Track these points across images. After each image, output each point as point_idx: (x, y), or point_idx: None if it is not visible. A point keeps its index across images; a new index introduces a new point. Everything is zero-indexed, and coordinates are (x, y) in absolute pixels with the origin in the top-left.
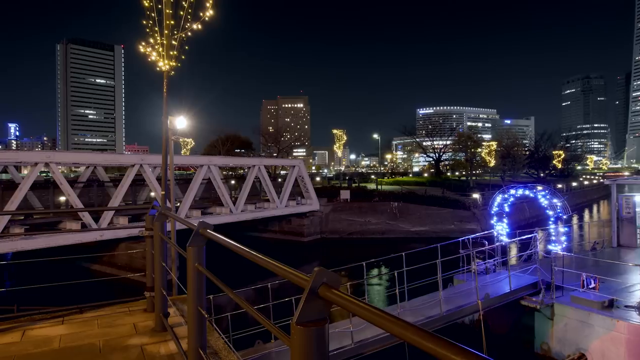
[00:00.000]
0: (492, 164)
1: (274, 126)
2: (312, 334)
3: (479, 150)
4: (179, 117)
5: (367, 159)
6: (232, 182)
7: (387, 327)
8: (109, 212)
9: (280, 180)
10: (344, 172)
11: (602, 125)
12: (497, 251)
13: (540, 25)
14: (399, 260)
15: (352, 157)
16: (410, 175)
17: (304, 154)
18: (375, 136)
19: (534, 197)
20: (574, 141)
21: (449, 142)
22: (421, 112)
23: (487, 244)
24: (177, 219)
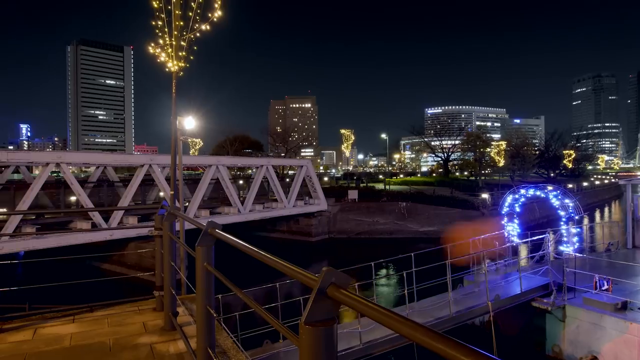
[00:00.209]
0: (502, 163)
1: (281, 126)
2: (321, 334)
3: (488, 150)
4: (187, 118)
5: (375, 158)
6: (240, 182)
7: (396, 327)
8: (118, 211)
9: (288, 180)
10: (352, 172)
11: (613, 124)
12: (508, 252)
13: (550, 24)
14: (408, 260)
15: (360, 157)
16: (418, 175)
17: (312, 154)
18: (383, 136)
19: (544, 197)
20: (584, 140)
21: (457, 142)
22: (429, 111)
23: (498, 244)
24: (186, 219)
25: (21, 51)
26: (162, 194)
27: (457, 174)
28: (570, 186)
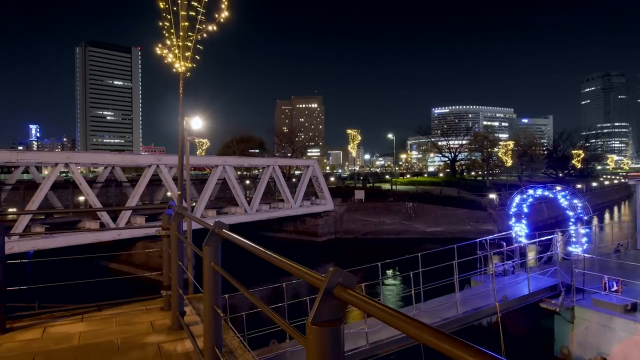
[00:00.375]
0: (509, 163)
1: (288, 126)
2: (328, 334)
3: (496, 149)
4: (194, 118)
5: (381, 158)
6: (247, 182)
7: (403, 328)
8: (126, 211)
9: (294, 180)
10: (358, 172)
11: (623, 124)
12: (516, 253)
13: (559, 23)
14: (415, 261)
15: (367, 157)
16: (425, 175)
17: (318, 154)
18: (389, 136)
19: (553, 197)
20: (593, 140)
21: (464, 142)
22: (436, 111)
23: (505, 245)
24: (193, 219)
25: (30, 53)
26: (169, 193)
27: (464, 174)
28: (579, 186)
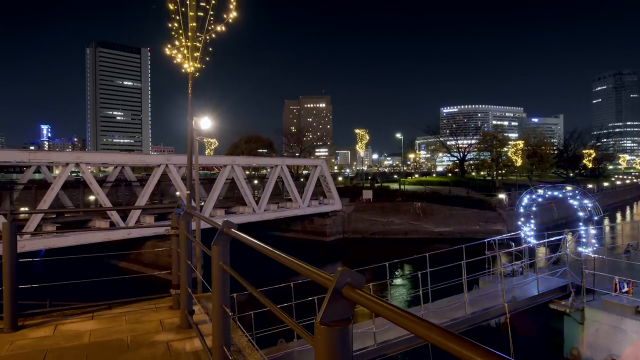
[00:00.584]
0: (519, 163)
1: (296, 126)
2: (336, 333)
3: (505, 149)
4: (203, 118)
5: (389, 158)
6: (255, 181)
7: (411, 328)
8: (136, 211)
9: (302, 180)
10: (367, 171)
11: (635, 123)
12: (525, 253)
13: (569, 21)
14: (423, 261)
15: (375, 156)
16: (434, 175)
17: (326, 153)
18: (398, 135)
19: (563, 197)
20: (605, 140)
21: (473, 142)
22: (445, 111)
23: (514, 245)
24: (202, 218)
25: (42, 54)
26: (178, 193)
27: (473, 174)
28: (590, 186)
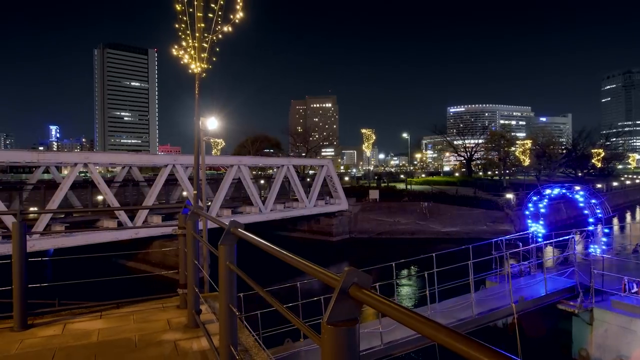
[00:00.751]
0: (527, 163)
1: (302, 126)
2: (343, 333)
3: (513, 149)
4: (210, 118)
5: (396, 158)
6: (262, 181)
7: (418, 328)
8: (143, 211)
9: (308, 180)
10: (373, 171)
11: None
12: (532, 253)
13: (577, 20)
14: (429, 261)
15: (381, 156)
16: (440, 174)
17: (333, 153)
18: (404, 135)
19: (571, 197)
20: (614, 139)
21: (481, 141)
22: (452, 110)
23: (522, 245)
24: (209, 218)
25: (50, 55)
26: (185, 193)
27: (480, 173)
28: (599, 186)
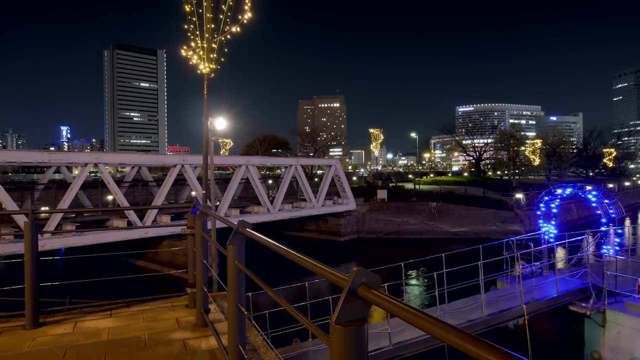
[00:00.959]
0: (537, 162)
1: (310, 126)
2: (351, 333)
3: (522, 148)
4: (218, 118)
5: (404, 158)
6: (270, 181)
7: (428, 329)
8: (152, 210)
9: (316, 179)
10: (381, 171)
11: None
12: (544, 254)
13: (589, 16)
14: (438, 261)
15: (389, 156)
16: (449, 174)
17: (341, 153)
18: (412, 135)
19: (582, 197)
20: (626, 138)
21: (490, 141)
22: (461, 109)
23: (533, 246)
24: (217, 218)
25: (61, 56)
26: (193, 193)
27: (489, 173)
28: (610, 186)
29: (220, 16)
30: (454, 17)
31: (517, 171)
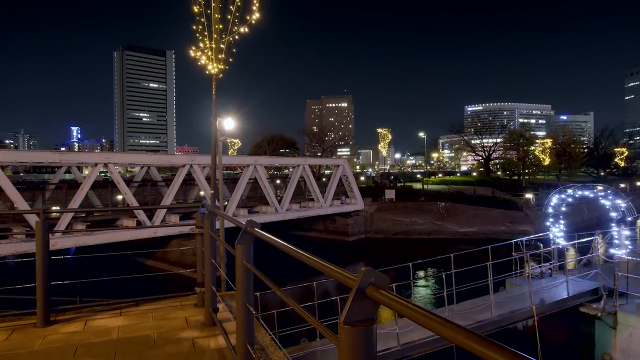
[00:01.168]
0: (547, 162)
1: (318, 126)
2: (360, 333)
3: (532, 148)
4: (227, 119)
5: (412, 157)
6: (278, 181)
7: (436, 329)
8: (161, 210)
9: (324, 179)
10: (389, 171)
11: None
12: (554, 254)
13: (600, 14)
14: (447, 261)
15: (397, 156)
16: (457, 174)
17: (348, 153)
18: (421, 134)
19: (593, 197)
20: (638, 137)
21: (499, 140)
22: (469, 109)
23: (543, 246)
24: (226, 218)
25: (71, 57)
26: (202, 193)
27: (498, 173)
28: (622, 186)
29: (228, 17)
30: (462, 15)
31: (526, 171)
